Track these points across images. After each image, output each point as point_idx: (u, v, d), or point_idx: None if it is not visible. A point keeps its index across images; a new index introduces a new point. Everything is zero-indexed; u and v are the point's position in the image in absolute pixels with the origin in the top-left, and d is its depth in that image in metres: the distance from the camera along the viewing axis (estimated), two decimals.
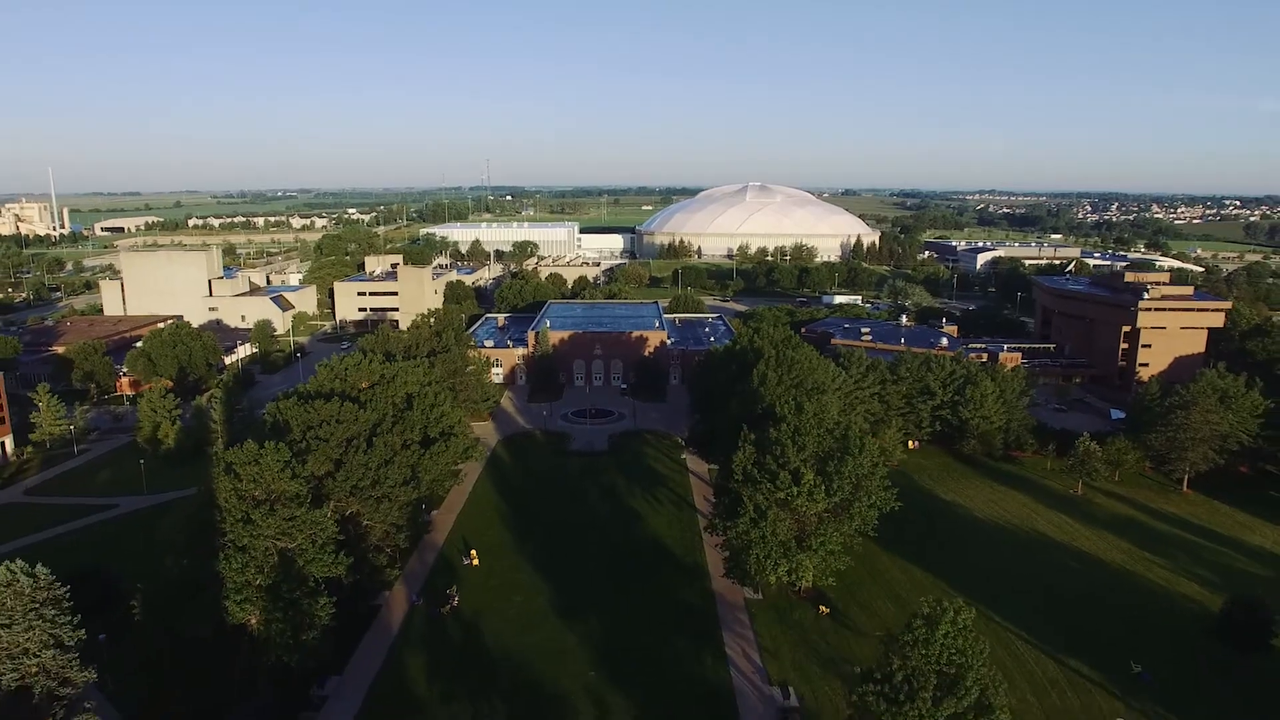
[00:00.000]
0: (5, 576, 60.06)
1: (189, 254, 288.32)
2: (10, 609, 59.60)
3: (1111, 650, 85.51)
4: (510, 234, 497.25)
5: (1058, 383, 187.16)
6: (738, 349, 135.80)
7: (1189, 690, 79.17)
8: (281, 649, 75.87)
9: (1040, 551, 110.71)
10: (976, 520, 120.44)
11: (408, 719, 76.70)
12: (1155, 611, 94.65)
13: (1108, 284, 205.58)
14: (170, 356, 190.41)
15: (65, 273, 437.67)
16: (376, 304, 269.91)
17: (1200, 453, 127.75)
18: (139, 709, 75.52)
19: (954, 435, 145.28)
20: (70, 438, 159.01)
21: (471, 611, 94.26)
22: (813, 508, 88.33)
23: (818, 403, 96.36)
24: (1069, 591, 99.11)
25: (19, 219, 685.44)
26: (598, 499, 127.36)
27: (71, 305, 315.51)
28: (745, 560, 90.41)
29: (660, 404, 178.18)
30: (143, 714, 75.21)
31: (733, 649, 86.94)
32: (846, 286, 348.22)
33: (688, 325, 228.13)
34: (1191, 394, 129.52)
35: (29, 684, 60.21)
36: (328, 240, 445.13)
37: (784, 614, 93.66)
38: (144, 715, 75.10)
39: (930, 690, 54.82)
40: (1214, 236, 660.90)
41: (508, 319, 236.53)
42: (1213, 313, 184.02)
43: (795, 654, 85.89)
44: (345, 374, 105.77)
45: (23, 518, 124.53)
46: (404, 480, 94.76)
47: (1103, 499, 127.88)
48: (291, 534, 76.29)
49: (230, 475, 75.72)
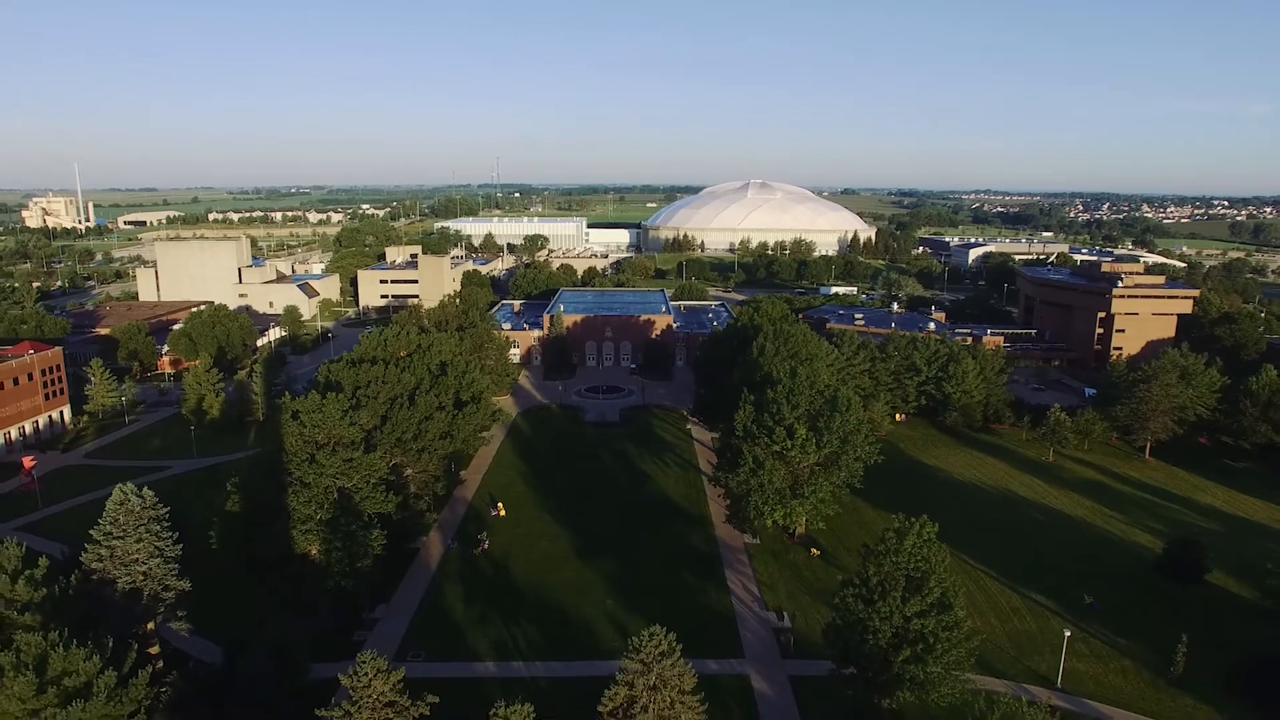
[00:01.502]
0: (119, 496, 69.40)
1: (220, 244, 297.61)
2: (124, 524, 68.92)
3: (1067, 585, 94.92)
4: (521, 228, 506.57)
5: (1037, 364, 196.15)
6: (739, 325, 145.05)
7: (1131, 617, 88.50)
8: (340, 575, 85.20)
9: (1011, 507, 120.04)
10: (956, 482, 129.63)
11: (449, 638, 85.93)
12: (1109, 555, 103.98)
13: (1086, 273, 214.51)
14: (210, 337, 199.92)
15: (95, 263, 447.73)
16: (398, 291, 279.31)
17: (1161, 423, 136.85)
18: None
19: (937, 408, 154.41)
20: (121, 409, 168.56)
21: (500, 554, 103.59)
22: (805, 459, 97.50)
23: (810, 368, 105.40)
24: (1034, 539, 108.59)
25: (46, 212, 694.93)
26: (611, 462, 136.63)
27: (108, 292, 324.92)
28: (745, 506, 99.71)
29: (667, 382, 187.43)
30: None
31: (734, 583, 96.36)
32: (843, 279, 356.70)
33: (692, 311, 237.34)
34: (1154, 370, 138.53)
35: (139, 587, 69.56)
36: (346, 233, 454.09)
37: (779, 556, 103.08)
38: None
39: (899, 590, 64.06)
40: (1200, 235, 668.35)
41: (523, 305, 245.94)
42: (1181, 300, 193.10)
43: (789, 587, 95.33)
44: (386, 343, 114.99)
45: (88, 476, 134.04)
46: (441, 435, 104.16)
47: (1071, 464, 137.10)
48: (349, 474, 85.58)
49: (296, 421, 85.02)
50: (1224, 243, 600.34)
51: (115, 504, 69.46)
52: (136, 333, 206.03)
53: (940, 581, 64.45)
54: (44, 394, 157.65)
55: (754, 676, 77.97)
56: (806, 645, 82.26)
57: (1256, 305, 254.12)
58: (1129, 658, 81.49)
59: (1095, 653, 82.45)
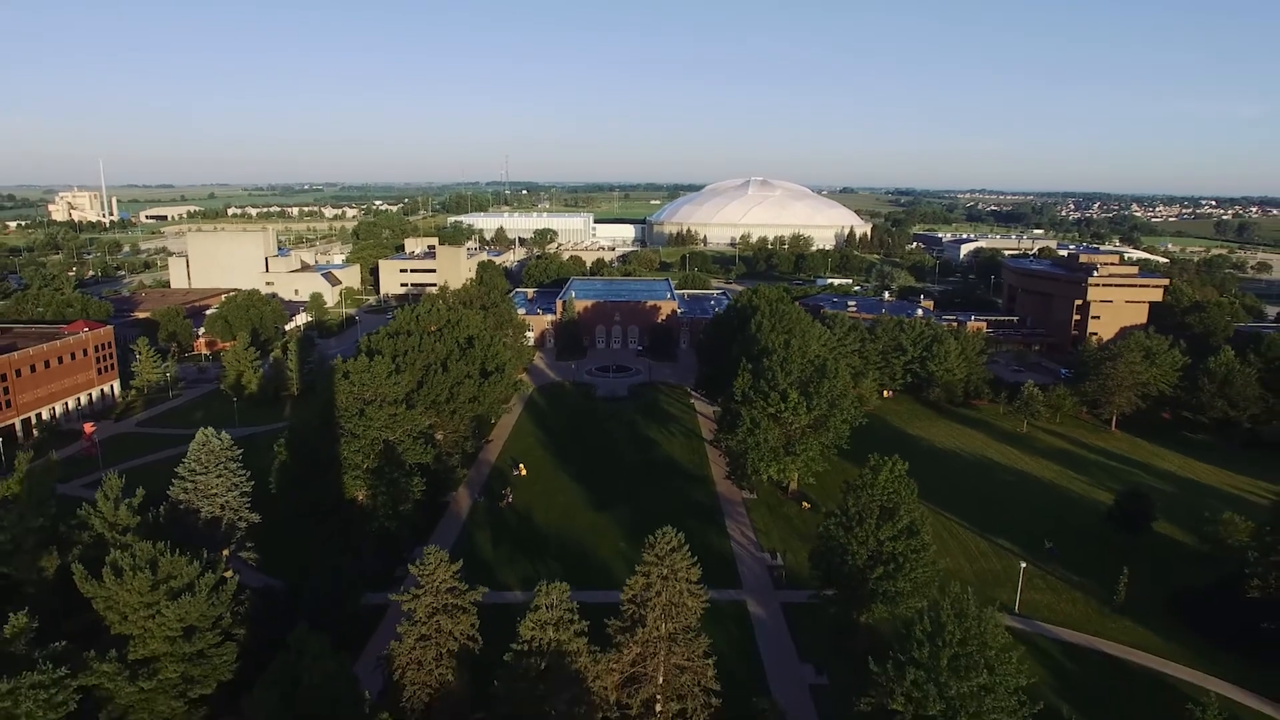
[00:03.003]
0: (202, 438, 78.65)
1: (248, 234, 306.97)
2: (205, 462, 78.15)
3: (1031, 533, 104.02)
4: (530, 222, 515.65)
5: (1018, 349, 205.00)
6: (738, 306, 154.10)
7: (1084, 559, 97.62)
8: (385, 517, 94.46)
9: (986, 470, 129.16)
10: (937, 449, 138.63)
11: (482, 574, 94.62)
12: (1070, 510, 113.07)
13: (1065, 264, 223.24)
14: (244, 319, 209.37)
15: (123, 254, 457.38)
16: (417, 279, 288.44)
17: (1125, 397, 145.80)
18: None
19: (922, 385, 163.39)
20: (165, 384, 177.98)
21: (523, 506, 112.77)
22: (797, 421, 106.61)
23: (801, 340, 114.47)
24: (1004, 496, 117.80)
25: (71, 206, 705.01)
26: (621, 430, 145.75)
27: (141, 280, 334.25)
28: (743, 463, 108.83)
29: (672, 363, 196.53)
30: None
31: (733, 530, 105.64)
32: (839, 272, 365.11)
33: (695, 299, 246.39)
34: (1119, 349, 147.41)
35: (218, 517, 78.78)
36: (363, 226, 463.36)
37: (774, 508, 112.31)
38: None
39: (874, 518, 73.17)
40: (1186, 233, 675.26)
41: (536, 292, 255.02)
42: (1152, 289, 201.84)
43: (781, 533, 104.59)
44: (418, 318, 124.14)
45: (142, 442, 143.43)
46: (469, 399, 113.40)
47: (1043, 435, 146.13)
48: (393, 427, 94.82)
49: (348, 380, 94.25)
50: (1208, 240, 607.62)
51: (198, 445, 78.71)
52: (175, 315, 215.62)
53: (909, 511, 73.55)
54: (97, 369, 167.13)
55: (750, 603, 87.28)
56: (796, 579, 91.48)
57: (1230, 297, 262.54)
58: (1079, 591, 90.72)
59: (1050, 586, 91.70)
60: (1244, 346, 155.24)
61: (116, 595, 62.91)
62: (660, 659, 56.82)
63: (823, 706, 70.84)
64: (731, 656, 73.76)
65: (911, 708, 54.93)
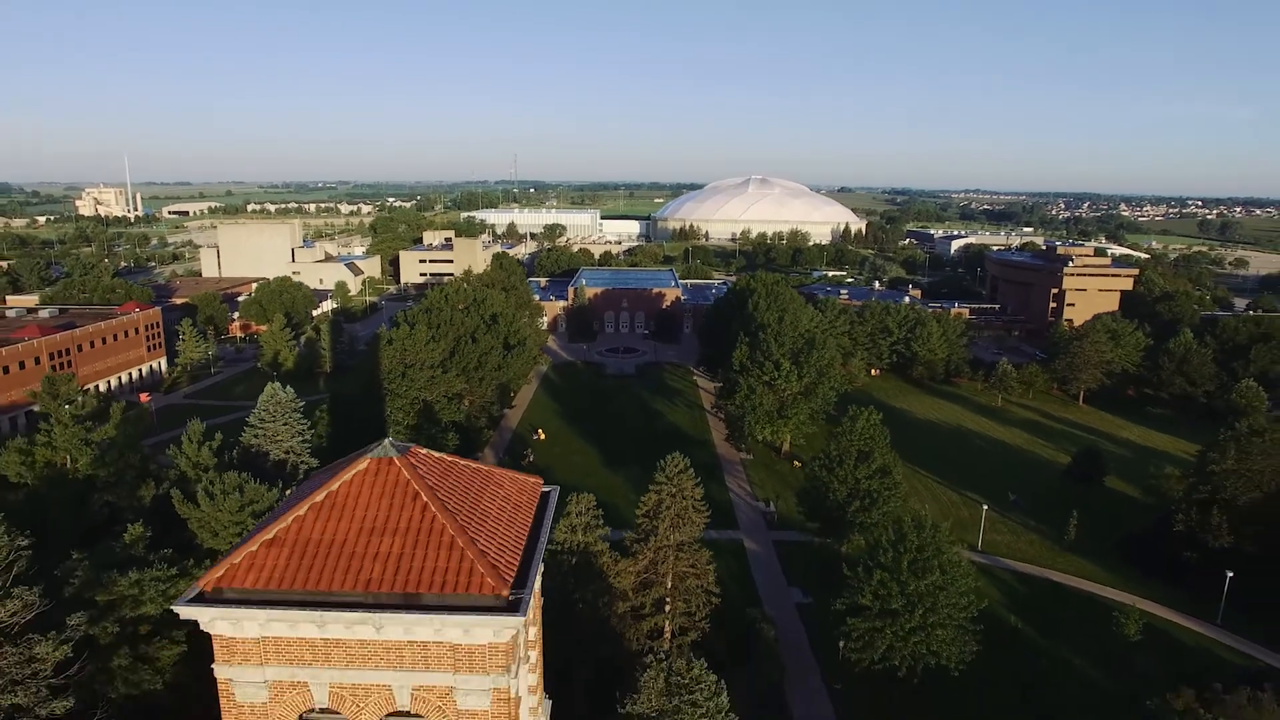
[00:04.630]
0: (271, 390, 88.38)
1: (275, 225, 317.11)
2: (273, 411, 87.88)
3: (997, 488, 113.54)
4: (540, 218, 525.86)
5: (998, 334, 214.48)
6: (738, 289, 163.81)
7: (1042, 508, 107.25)
8: None
9: (962, 438, 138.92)
10: (918, 420, 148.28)
11: None
12: (1034, 469, 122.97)
13: (1043, 255, 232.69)
14: (277, 303, 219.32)
15: (151, 246, 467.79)
16: (435, 269, 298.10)
17: (1091, 374, 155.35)
18: None
19: (907, 364, 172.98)
20: (207, 362, 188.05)
21: (543, 464, 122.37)
22: (789, 388, 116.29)
23: (794, 316, 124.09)
24: (976, 458, 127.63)
25: (98, 202, 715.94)
26: (629, 403, 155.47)
27: (174, 270, 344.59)
28: (741, 426, 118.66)
29: (676, 345, 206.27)
30: None
31: (731, 484, 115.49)
32: (834, 265, 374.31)
33: (697, 288, 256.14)
34: (1085, 330, 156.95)
35: (283, 459, 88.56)
36: (380, 221, 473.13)
37: (768, 467, 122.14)
38: None
39: (852, 460, 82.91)
40: (1171, 231, 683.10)
41: (548, 281, 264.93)
42: (1124, 278, 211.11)
43: (775, 486, 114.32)
44: (447, 297, 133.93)
45: (191, 411, 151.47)
46: (496, 367, 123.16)
47: (1016, 408, 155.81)
48: (431, 388, 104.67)
49: (391, 346, 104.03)
50: (1191, 238, 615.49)
51: (267, 397, 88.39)
52: (212, 300, 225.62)
53: (882, 454, 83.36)
54: (146, 346, 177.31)
55: (746, 541, 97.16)
56: (786, 523, 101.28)
57: (1202, 289, 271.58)
58: (1035, 534, 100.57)
59: (1010, 529, 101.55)
60: (1203, 331, 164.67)
61: (210, 515, 72.80)
62: (669, 564, 66.55)
63: (807, 620, 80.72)
64: (731, 582, 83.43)
65: (878, 603, 64.70)
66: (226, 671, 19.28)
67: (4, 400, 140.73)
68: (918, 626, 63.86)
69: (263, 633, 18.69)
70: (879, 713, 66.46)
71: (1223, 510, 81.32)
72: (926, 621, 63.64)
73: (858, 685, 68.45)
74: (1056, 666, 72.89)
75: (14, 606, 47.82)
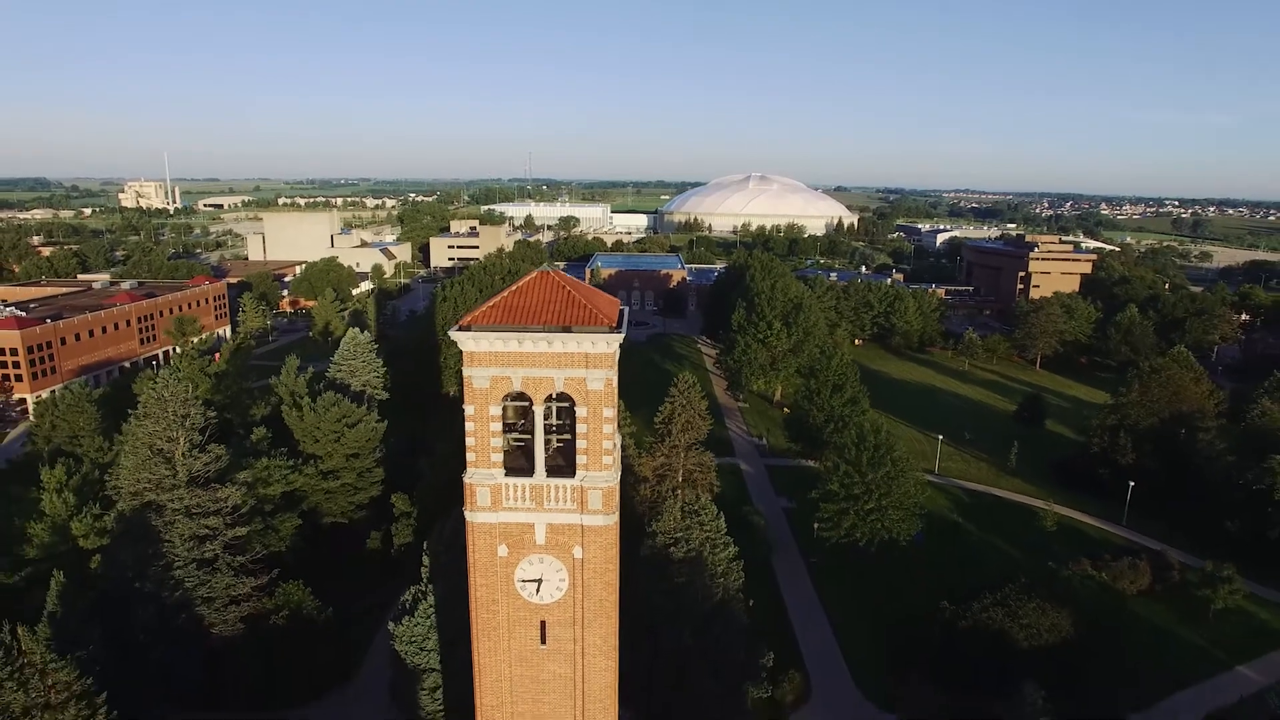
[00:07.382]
0: (352, 334, 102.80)
1: (316, 213, 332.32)
2: (355, 351, 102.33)
3: (957, 429, 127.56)
4: (555, 211, 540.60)
5: (970, 312, 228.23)
6: (736, 264, 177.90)
7: (992, 442, 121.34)
8: None
9: (931, 394, 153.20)
10: (895, 380, 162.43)
11: None
12: (989, 417, 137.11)
13: (1012, 243, 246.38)
14: (324, 281, 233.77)
15: (194, 235, 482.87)
16: (462, 255, 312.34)
17: (1047, 342, 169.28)
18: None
19: (886, 335, 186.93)
20: (265, 331, 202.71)
21: None
22: (779, 345, 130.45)
23: (784, 285, 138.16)
24: (941, 409, 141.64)
25: (139, 195, 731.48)
26: (640, 367, 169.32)
27: (222, 255, 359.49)
28: (738, 377, 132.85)
29: (682, 319, 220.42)
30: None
31: (730, 425, 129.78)
32: (827, 255, 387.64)
33: (701, 271, 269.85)
34: (1041, 303, 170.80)
35: (361, 392, 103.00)
36: (406, 213, 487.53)
37: (762, 412, 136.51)
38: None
39: (828, 390, 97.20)
40: (1146, 228, 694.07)
41: (566, 265, 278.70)
42: (1083, 263, 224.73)
43: (767, 425, 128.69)
44: (486, 267, 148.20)
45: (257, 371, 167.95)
46: None
47: (980, 371, 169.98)
48: None
49: (445, 302, 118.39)
50: (1164, 235, 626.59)
51: (349, 340, 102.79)
52: (266, 278, 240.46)
53: (853, 386, 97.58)
54: (214, 314, 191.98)
55: (742, 465, 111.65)
56: (775, 452, 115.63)
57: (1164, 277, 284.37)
58: (985, 462, 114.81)
59: (964, 459, 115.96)
60: (1147, 307, 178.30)
61: (311, 425, 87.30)
62: (680, 460, 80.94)
63: (791, 519, 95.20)
64: (730, 493, 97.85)
65: (844, 489, 79.10)
66: (469, 370, 33.69)
67: (101, 356, 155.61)
68: (875, 509, 78.28)
69: (490, 347, 33.29)
70: (843, 577, 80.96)
71: (1128, 434, 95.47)
72: (881, 504, 78.03)
73: (828, 557, 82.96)
74: (988, 550, 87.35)
75: (207, 458, 62.52)
